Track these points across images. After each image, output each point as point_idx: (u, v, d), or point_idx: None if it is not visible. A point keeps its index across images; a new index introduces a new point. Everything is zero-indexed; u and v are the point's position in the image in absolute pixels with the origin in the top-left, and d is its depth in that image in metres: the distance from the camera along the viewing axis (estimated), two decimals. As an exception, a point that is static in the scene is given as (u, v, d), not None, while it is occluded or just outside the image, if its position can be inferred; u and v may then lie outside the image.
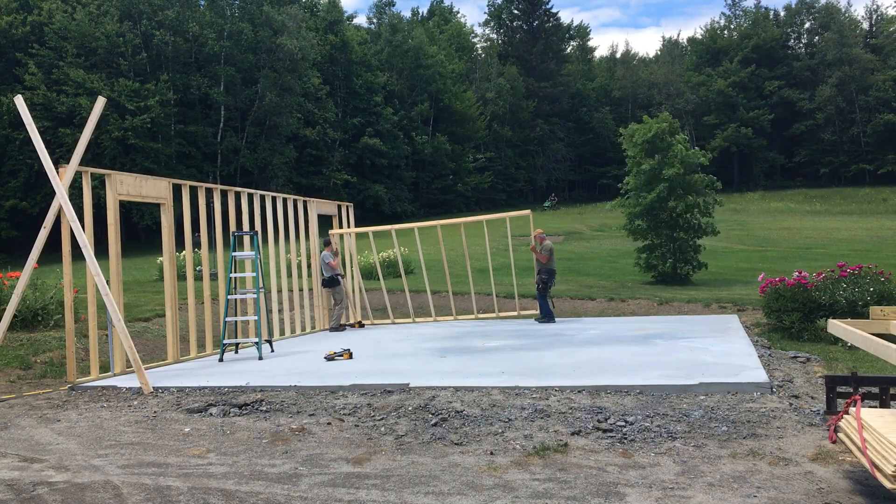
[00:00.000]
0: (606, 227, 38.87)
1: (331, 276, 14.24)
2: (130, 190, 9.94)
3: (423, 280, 15.78)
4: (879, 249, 27.52)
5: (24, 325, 11.82)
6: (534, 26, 76.94)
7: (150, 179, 10.59)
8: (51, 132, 42.11)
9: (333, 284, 14.33)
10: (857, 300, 10.26)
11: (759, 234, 36.58)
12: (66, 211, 9.02)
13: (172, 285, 10.46)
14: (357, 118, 56.87)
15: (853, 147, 69.42)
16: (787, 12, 79.31)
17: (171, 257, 10.67)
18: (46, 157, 9.33)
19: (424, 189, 60.13)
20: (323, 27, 58.62)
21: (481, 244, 17.05)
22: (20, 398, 8.11)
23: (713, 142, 69.31)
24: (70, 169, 9.21)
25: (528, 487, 4.68)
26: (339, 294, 14.48)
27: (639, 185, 21.22)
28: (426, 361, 9.45)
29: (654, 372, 7.81)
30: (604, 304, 16.44)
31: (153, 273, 22.18)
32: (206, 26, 48.69)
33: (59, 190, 9.05)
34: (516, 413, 6.41)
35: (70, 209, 9.03)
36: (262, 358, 10.39)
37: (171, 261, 10.63)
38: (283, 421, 6.61)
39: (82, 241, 8.95)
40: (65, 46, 43.51)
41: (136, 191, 10.06)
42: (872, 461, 3.91)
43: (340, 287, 14.50)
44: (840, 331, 5.13)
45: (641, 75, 79.55)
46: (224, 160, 50.15)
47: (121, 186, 9.71)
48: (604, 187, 72.04)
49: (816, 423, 5.82)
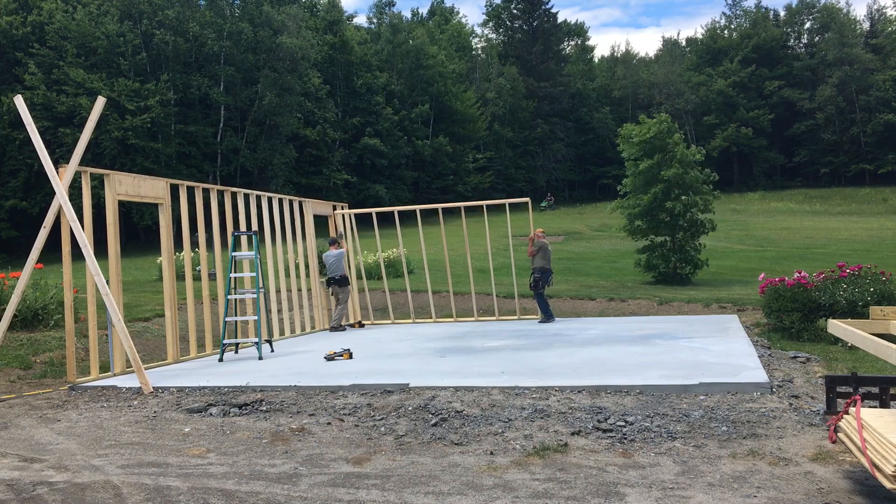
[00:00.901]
0: (606, 227, 38.88)
1: (343, 276, 14.25)
2: (129, 190, 9.95)
3: (423, 280, 15.79)
4: (879, 249, 27.52)
5: (24, 325, 11.82)
6: (534, 26, 76.93)
7: (149, 179, 10.60)
8: (51, 132, 42.11)
9: (344, 284, 14.33)
10: (857, 300, 10.26)
11: (759, 234, 36.59)
12: (65, 211, 9.03)
13: (171, 285, 10.46)
14: (357, 118, 56.87)
15: (853, 147, 69.41)
16: (787, 12, 79.32)
17: (170, 257, 10.67)
18: (46, 156, 9.33)
19: (424, 189, 60.12)
20: (323, 27, 58.63)
21: (482, 244, 17.08)
22: (20, 398, 8.11)
23: (713, 142, 69.30)
24: (70, 169, 9.21)
25: (528, 487, 4.68)
26: (346, 294, 14.48)
27: (637, 185, 21.24)
28: (426, 361, 9.45)
29: (654, 372, 7.81)
30: (604, 304, 16.44)
31: (153, 273, 22.19)
32: (206, 26, 48.70)
33: (58, 190, 9.05)
34: (516, 413, 6.41)
35: (70, 209, 9.03)
36: (262, 358, 10.40)
37: (170, 261, 10.63)
38: (283, 421, 6.61)
39: (82, 240, 8.95)
40: (65, 46, 43.51)
41: (134, 191, 10.06)
42: (872, 461, 3.91)
43: (348, 287, 14.50)
44: (840, 331, 5.13)
45: (642, 75, 79.54)
46: (224, 160, 50.16)
47: (119, 186, 9.72)
48: (604, 187, 72.03)
49: (816, 423, 5.82)
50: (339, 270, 14.18)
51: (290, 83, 50.58)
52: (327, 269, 14.38)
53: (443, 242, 15.80)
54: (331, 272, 14.27)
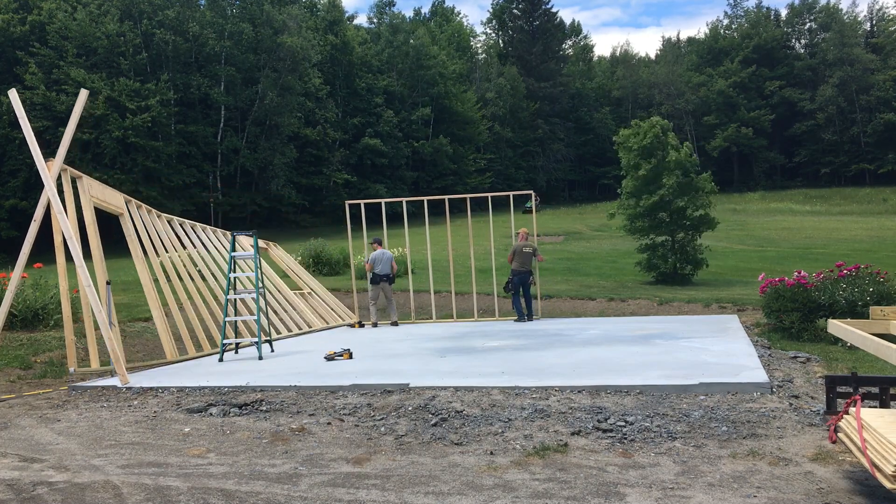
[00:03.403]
0: (606, 227, 38.90)
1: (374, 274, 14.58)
2: (98, 195, 10.20)
3: (423, 279, 15.79)
4: (879, 249, 27.53)
5: (24, 325, 11.83)
6: (534, 26, 76.94)
7: (110, 190, 10.93)
8: (51, 131, 42.11)
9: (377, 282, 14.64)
10: (856, 300, 10.26)
11: (759, 234, 36.59)
12: (53, 203, 9.14)
13: (151, 287, 10.60)
14: (357, 118, 56.89)
15: (853, 147, 69.44)
16: (788, 12, 79.37)
17: (143, 262, 10.78)
18: (36, 148, 9.43)
19: (425, 189, 60.17)
20: (323, 27, 58.64)
21: (483, 244, 17.08)
22: (20, 398, 8.11)
23: (713, 142, 69.35)
24: (57, 162, 9.40)
25: (528, 487, 4.68)
26: (374, 293, 14.80)
27: (637, 187, 21.27)
28: (426, 361, 9.45)
29: (654, 372, 7.81)
30: (604, 304, 16.44)
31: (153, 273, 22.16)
32: (207, 26, 48.73)
33: (47, 182, 9.15)
34: (516, 413, 6.41)
35: (57, 201, 9.17)
36: (262, 358, 10.40)
37: (143, 266, 10.74)
38: (283, 421, 6.61)
39: (68, 233, 9.05)
40: (65, 46, 43.54)
41: (101, 196, 10.32)
42: (872, 461, 3.90)
43: (377, 287, 14.74)
44: (840, 331, 5.13)
45: (642, 75, 79.57)
46: (224, 160, 50.18)
47: (91, 189, 9.98)
48: (604, 187, 72.07)
49: (816, 423, 5.82)
50: (389, 270, 14.66)
51: (291, 83, 50.59)
52: (378, 268, 14.65)
53: (447, 236, 15.79)
54: (383, 271, 14.62)
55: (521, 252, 14.09)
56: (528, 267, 14.11)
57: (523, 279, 14.03)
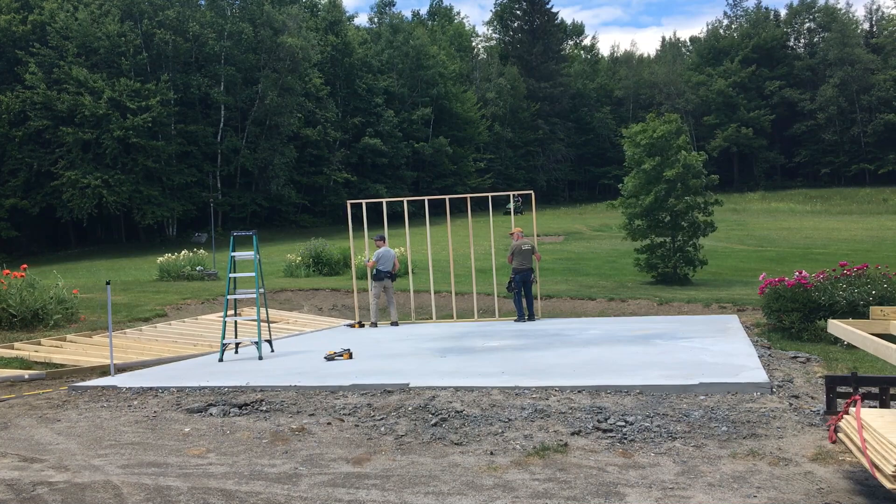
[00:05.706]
0: (606, 227, 38.89)
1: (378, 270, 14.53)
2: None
3: (423, 279, 15.79)
4: (879, 249, 27.51)
5: (24, 325, 11.82)
6: (535, 26, 76.89)
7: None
8: (51, 131, 42.14)
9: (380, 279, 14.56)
10: (857, 300, 10.26)
11: (759, 234, 36.58)
12: None
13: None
14: (358, 118, 56.88)
15: (854, 147, 69.41)
16: (787, 12, 79.35)
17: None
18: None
19: (425, 189, 60.14)
20: (323, 27, 58.63)
21: (483, 244, 17.07)
22: (20, 398, 8.11)
23: (713, 142, 69.30)
24: None
25: (528, 487, 4.68)
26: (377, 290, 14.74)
27: (638, 185, 21.24)
28: (426, 361, 9.45)
29: (654, 372, 7.81)
30: (604, 304, 16.44)
31: (153, 273, 22.18)
32: (207, 26, 48.72)
33: None
34: (516, 413, 6.41)
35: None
36: (262, 358, 10.39)
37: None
38: (283, 421, 6.61)
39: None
40: (66, 46, 43.54)
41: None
42: (872, 461, 3.90)
43: (379, 284, 14.68)
44: (840, 331, 5.13)
45: (642, 75, 79.56)
46: (224, 160, 50.17)
47: None
48: (604, 187, 72.06)
49: (816, 423, 5.82)
50: (391, 267, 14.60)
51: (291, 83, 50.58)
52: (381, 265, 14.58)
53: (447, 235, 15.79)
54: (385, 268, 14.56)
55: (520, 250, 14.09)
56: (529, 264, 14.11)
57: (525, 277, 14.03)
